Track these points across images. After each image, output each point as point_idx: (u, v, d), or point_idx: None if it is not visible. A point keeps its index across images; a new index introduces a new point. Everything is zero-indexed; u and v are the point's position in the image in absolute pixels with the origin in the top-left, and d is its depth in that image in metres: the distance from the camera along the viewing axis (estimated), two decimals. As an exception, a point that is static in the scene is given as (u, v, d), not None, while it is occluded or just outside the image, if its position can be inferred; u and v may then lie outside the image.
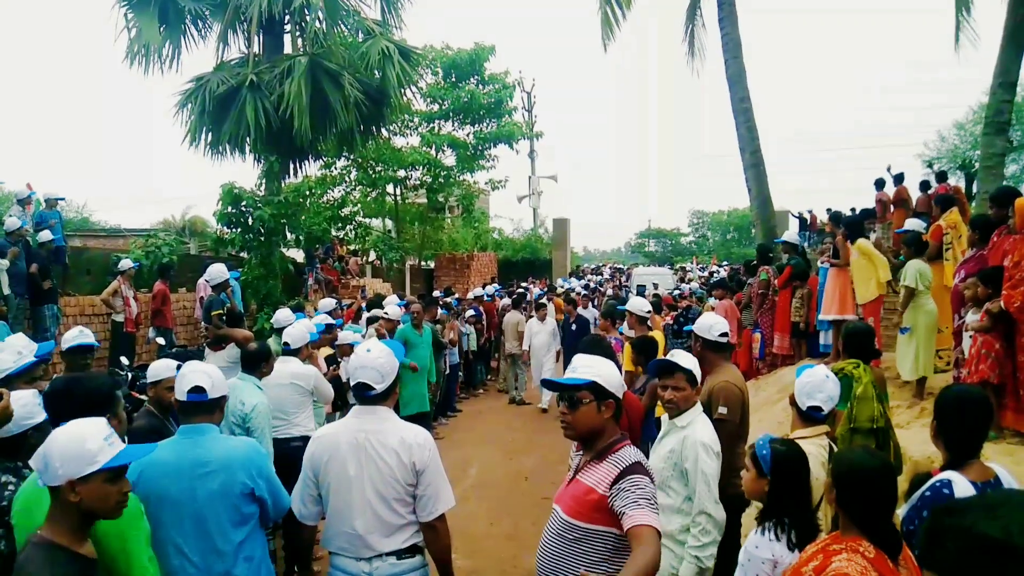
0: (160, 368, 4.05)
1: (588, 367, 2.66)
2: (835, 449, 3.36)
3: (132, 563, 2.45)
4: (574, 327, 11.33)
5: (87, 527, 2.19)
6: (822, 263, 8.41)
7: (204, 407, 3.11)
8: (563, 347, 11.56)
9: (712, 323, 4.42)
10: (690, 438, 3.50)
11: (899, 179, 12.83)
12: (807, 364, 3.71)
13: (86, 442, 2.11)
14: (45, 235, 9.80)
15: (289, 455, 4.90)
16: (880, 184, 13.35)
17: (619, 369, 2.84)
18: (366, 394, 3.02)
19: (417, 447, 2.97)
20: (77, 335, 4.78)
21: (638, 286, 16.95)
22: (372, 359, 3.04)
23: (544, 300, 13.01)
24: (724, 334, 4.39)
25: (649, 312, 6.90)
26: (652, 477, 2.52)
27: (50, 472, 2.06)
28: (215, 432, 3.13)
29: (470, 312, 13.16)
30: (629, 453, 2.58)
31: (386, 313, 8.68)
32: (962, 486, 2.50)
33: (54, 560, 2.07)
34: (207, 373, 3.14)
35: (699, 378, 3.66)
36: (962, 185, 19.58)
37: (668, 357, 3.75)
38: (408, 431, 3.03)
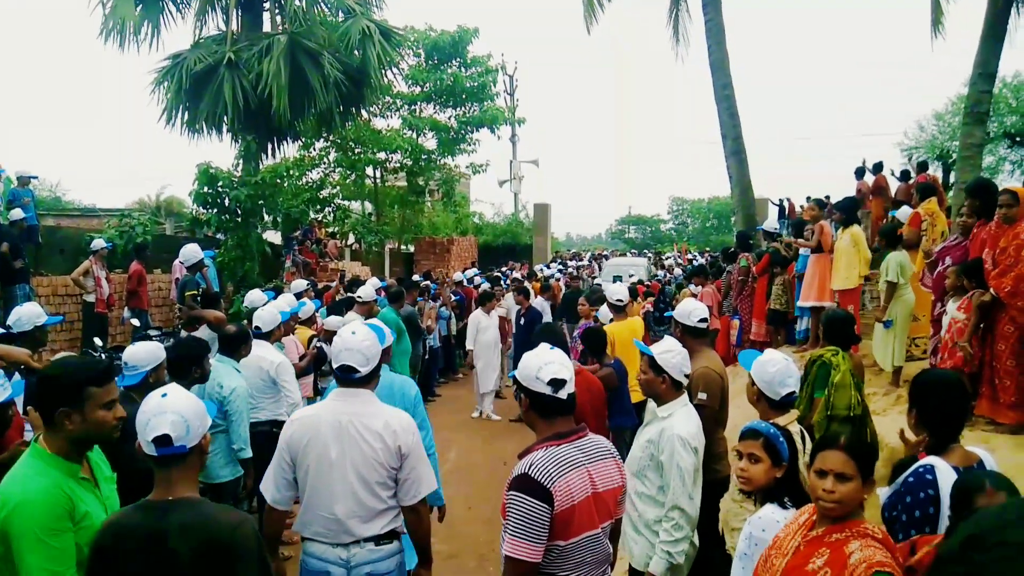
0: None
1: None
2: (805, 434, 3.35)
3: None
4: (522, 321, 10.33)
5: None
6: (802, 251, 8.46)
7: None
8: (514, 343, 10.56)
9: (691, 309, 4.42)
10: (668, 431, 3.45)
11: (878, 168, 12.92)
12: (751, 352, 3.61)
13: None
14: (17, 213, 9.61)
15: (255, 439, 4.87)
16: (860, 173, 13.44)
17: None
18: (350, 376, 2.97)
19: (402, 431, 2.94)
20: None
21: (614, 276, 16.22)
22: (357, 341, 2.99)
23: (491, 290, 11.66)
24: (703, 320, 4.39)
25: (621, 300, 6.86)
26: (532, 492, 2.35)
27: (192, 433, 2.18)
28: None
29: (453, 297, 13.10)
30: (526, 461, 2.46)
31: (359, 296, 8.52)
32: (945, 471, 2.50)
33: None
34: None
35: (666, 366, 3.52)
36: (939, 175, 19.77)
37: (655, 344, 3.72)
38: (392, 415, 3.00)
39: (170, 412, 2.15)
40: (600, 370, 5.53)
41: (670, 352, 3.56)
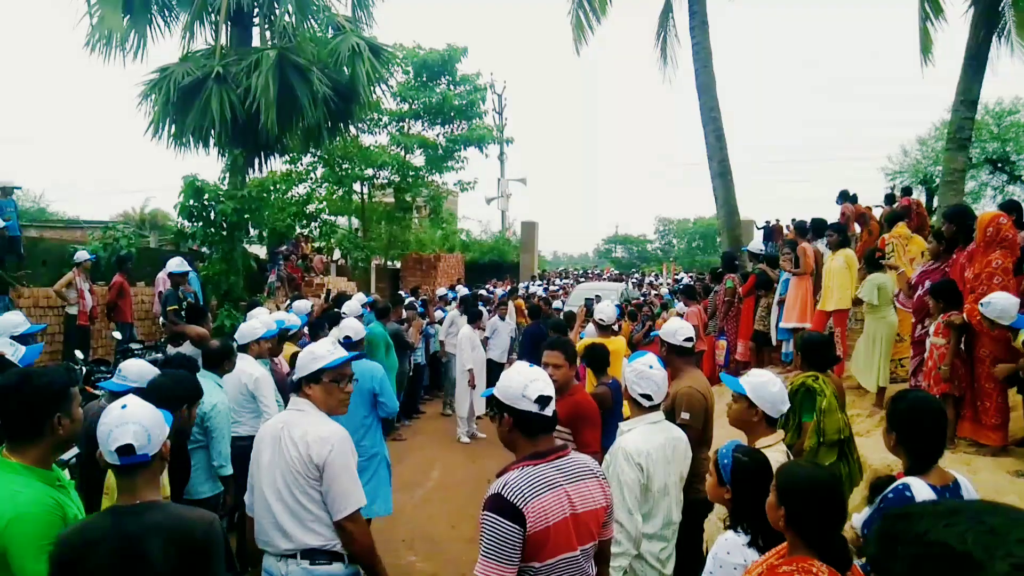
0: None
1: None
2: (792, 458, 3.33)
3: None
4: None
5: None
6: (787, 272, 8.49)
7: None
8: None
9: (677, 328, 4.43)
10: (617, 444, 3.49)
11: (853, 199, 12.99)
12: (731, 377, 3.56)
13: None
14: None
15: (235, 454, 4.76)
16: (842, 197, 13.53)
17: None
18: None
19: (316, 442, 2.87)
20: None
21: (586, 299, 14.29)
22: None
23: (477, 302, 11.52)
24: (689, 339, 4.39)
25: (603, 320, 6.80)
26: (504, 513, 2.33)
27: (153, 442, 2.25)
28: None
29: (439, 313, 13.05)
30: (500, 481, 2.45)
31: (344, 312, 8.42)
32: (921, 490, 2.51)
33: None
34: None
35: (626, 382, 3.61)
36: (923, 199, 19.96)
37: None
38: (314, 426, 2.94)
39: (131, 422, 2.21)
40: (596, 388, 5.49)
41: (627, 368, 3.61)
